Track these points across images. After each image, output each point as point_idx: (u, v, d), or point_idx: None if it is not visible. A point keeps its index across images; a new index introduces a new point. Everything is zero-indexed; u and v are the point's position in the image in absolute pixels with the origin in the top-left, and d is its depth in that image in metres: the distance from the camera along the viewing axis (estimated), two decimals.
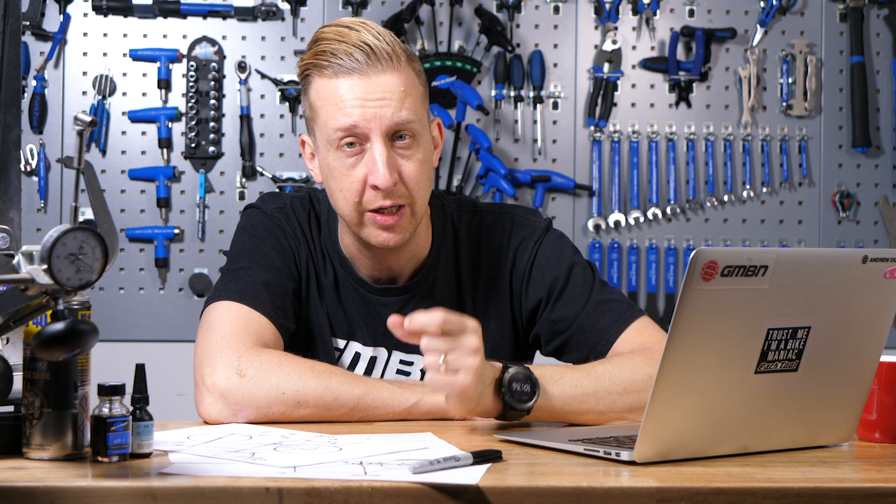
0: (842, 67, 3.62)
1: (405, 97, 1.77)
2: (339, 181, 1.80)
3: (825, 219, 3.61)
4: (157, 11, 3.46)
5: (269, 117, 3.50)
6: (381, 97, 1.76)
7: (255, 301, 1.79)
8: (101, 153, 3.45)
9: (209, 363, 1.71)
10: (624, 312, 1.88)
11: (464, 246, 1.94)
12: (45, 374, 1.39)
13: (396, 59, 1.77)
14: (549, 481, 1.32)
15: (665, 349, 1.38)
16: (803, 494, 1.32)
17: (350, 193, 1.79)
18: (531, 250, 1.93)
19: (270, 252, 1.87)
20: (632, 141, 3.56)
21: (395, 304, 1.89)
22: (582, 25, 3.58)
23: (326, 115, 1.78)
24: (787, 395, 1.51)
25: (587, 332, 1.88)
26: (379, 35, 1.78)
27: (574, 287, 1.91)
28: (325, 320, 1.91)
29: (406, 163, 1.79)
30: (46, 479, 1.30)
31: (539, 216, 1.99)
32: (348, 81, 1.76)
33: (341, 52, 1.76)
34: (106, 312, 3.38)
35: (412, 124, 1.78)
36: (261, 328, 1.77)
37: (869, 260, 1.49)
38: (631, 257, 3.56)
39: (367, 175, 1.77)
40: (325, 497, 1.27)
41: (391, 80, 1.77)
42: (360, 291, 1.91)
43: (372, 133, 1.76)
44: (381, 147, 1.76)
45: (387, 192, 1.77)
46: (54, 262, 1.25)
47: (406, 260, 1.90)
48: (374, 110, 1.76)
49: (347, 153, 1.78)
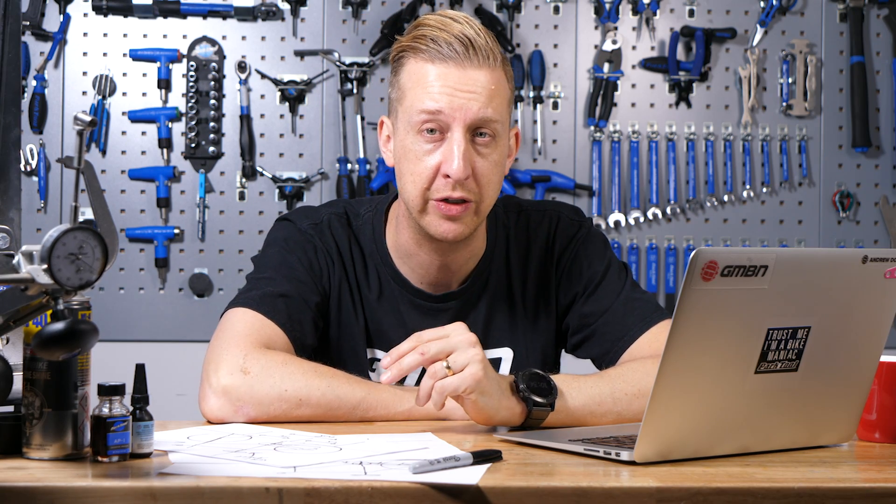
0: (842, 67, 3.62)
1: (494, 96, 1.79)
2: (412, 164, 1.81)
3: (825, 219, 3.61)
4: (157, 11, 3.46)
5: (269, 117, 3.50)
6: (471, 90, 1.77)
7: (270, 311, 1.80)
8: (101, 153, 3.45)
9: (215, 361, 1.71)
10: (651, 313, 1.89)
11: (513, 246, 1.96)
12: (45, 374, 1.39)
13: (493, 58, 1.79)
14: (549, 481, 1.32)
15: (665, 349, 1.38)
16: (803, 494, 1.32)
17: (421, 178, 1.80)
18: (574, 248, 1.95)
19: (296, 266, 1.87)
20: (632, 141, 3.56)
21: (453, 309, 1.90)
22: (582, 25, 3.58)
23: (413, 97, 1.79)
24: (787, 395, 1.51)
25: (612, 326, 1.89)
26: (480, 31, 1.80)
27: (608, 284, 1.93)
28: (360, 336, 1.90)
29: (481, 160, 1.80)
30: (46, 479, 1.30)
31: (582, 215, 2.01)
32: (442, 68, 1.78)
33: (441, 40, 1.78)
34: (106, 312, 3.38)
35: (495, 124, 1.79)
36: (273, 336, 1.78)
37: (869, 260, 1.49)
38: (631, 257, 3.56)
39: (442, 163, 1.78)
40: (325, 497, 1.27)
41: (483, 77, 1.78)
42: (416, 303, 1.91)
43: (454, 123, 1.77)
44: (460, 138, 1.77)
45: (458, 183, 1.78)
46: (54, 262, 1.25)
47: (463, 261, 1.90)
48: (461, 101, 1.77)
49: (427, 138, 1.79)
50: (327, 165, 3.50)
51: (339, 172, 3.48)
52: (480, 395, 1.60)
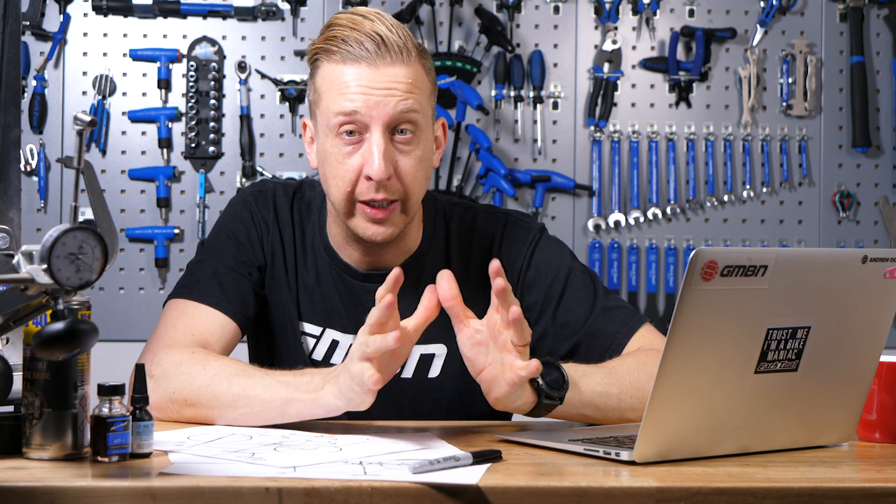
0: (842, 67, 3.62)
1: (411, 91, 1.76)
2: (333, 168, 1.79)
3: (825, 219, 3.61)
4: (157, 11, 3.46)
5: (269, 117, 3.50)
6: (387, 87, 1.75)
7: (204, 294, 1.84)
8: (101, 153, 3.45)
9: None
10: (631, 318, 1.88)
11: (454, 240, 1.93)
12: (45, 374, 1.39)
13: (406, 53, 1.77)
14: (549, 481, 1.32)
15: (665, 349, 1.38)
16: (803, 494, 1.32)
17: (343, 182, 1.78)
18: (526, 251, 1.92)
19: (233, 237, 1.90)
20: (632, 141, 3.56)
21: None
22: (582, 25, 3.58)
23: (329, 100, 1.77)
24: (787, 395, 1.51)
25: (596, 339, 1.87)
26: (392, 27, 1.77)
27: (575, 291, 1.90)
28: (293, 306, 1.90)
29: (404, 158, 1.78)
30: (46, 479, 1.30)
31: (533, 219, 1.99)
32: (355, 69, 1.75)
33: (352, 40, 1.75)
34: (106, 312, 3.38)
35: (415, 119, 1.77)
36: (202, 323, 1.81)
37: (869, 260, 1.49)
38: (631, 257, 3.56)
39: (363, 165, 1.76)
40: (325, 497, 1.27)
41: (399, 73, 1.76)
42: (342, 277, 1.90)
43: (372, 122, 1.75)
44: (379, 138, 1.75)
45: (380, 184, 1.76)
46: (54, 262, 1.25)
47: (393, 256, 1.89)
48: (377, 99, 1.74)
49: (346, 141, 1.77)
50: None
51: None
52: (513, 382, 1.55)
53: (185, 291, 1.86)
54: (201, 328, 1.81)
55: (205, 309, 1.82)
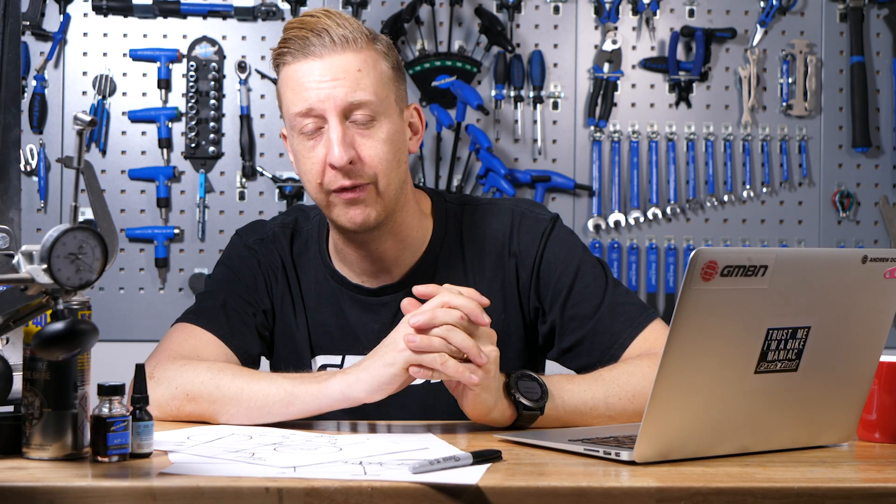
0: (842, 67, 3.62)
1: (361, 77, 1.79)
2: (303, 164, 1.83)
3: (825, 219, 3.61)
4: (157, 11, 3.46)
5: (269, 117, 3.50)
6: (335, 77, 1.78)
7: (210, 323, 1.86)
8: (101, 153, 3.45)
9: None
10: (638, 316, 1.87)
11: (467, 238, 1.93)
12: (45, 374, 1.39)
13: (353, 41, 1.79)
14: (549, 481, 1.32)
15: (665, 349, 1.38)
16: (803, 494, 1.32)
17: (313, 175, 1.81)
18: (539, 244, 1.92)
19: (241, 279, 1.92)
20: (632, 141, 3.56)
21: (395, 302, 1.86)
22: (582, 25, 3.58)
23: (288, 102, 1.82)
24: (787, 395, 1.51)
25: (601, 336, 1.86)
26: (340, 21, 1.80)
27: (585, 286, 1.89)
28: (304, 345, 1.92)
29: (365, 142, 1.80)
30: (46, 479, 1.30)
31: (544, 208, 1.98)
32: (305, 64, 1.79)
33: (300, 38, 1.79)
34: (106, 312, 3.38)
35: (369, 104, 1.79)
36: (207, 348, 1.83)
37: (869, 260, 1.49)
38: (631, 257, 3.56)
39: (326, 154, 1.79)
40: (325, 497, 1.27)
41: (346, 61, 1.78)
42: (356, 298, 1.91)
43: (327, 113, 1.78)
44: (336, 126, 1.78)
45: (344, 171, 1.78)
46: (54, 262, 1.25)
47: (393, 249, 1.88)
48: (327, 91, 1.78)
49: (308, 136, 1.81)
50: None
51: None
52: (484, 390, 1.60)
53: (193, 317, 1.87)
54: (207, 353, 1.83)
55: (211, 337, 1.85)
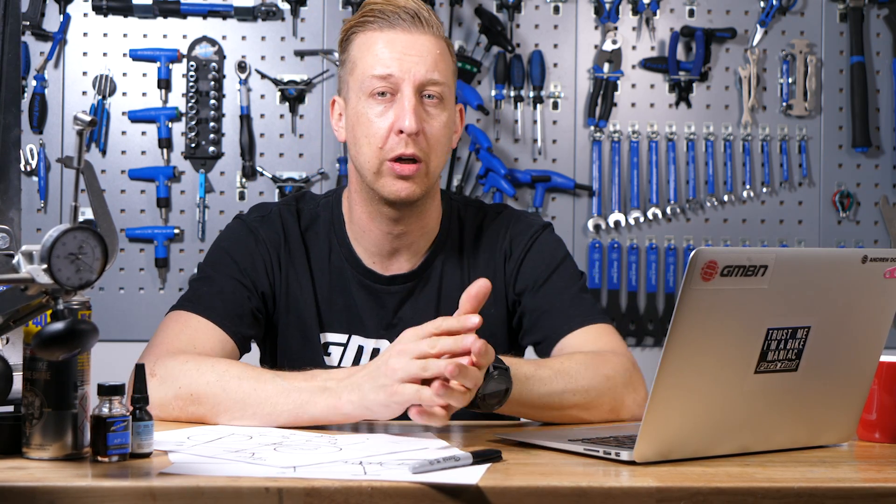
0: (842, 67, 3.61)
1: (439, 61, 1.89)
2: (366, 127, 1.88)
3: (825, 219, 3.61)
4: (157, 11, 3.46)
5: (269, 117, 3.50)
6: (419, 54, 1.87)
7: (206, 310, 1.86)
8: (101, 153, 3.45)
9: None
10: (593, 313, 1.94)
11: (468, 237, 2.01)
12: (45, 374, 1.39)
13: (436, 28, 1.91)
14: (549, 481, 1.32)
15: (665, 349, 1.38)
16: (803, 494, 1.32)
17: (375, 139, 1.87)
18: (527, 242, 2.00)
19: (236, 261, 1.93)
20: (632, 141, 3.56)
21: (402, 292, 1.96)
22: (582, 25, 3.58)
23: (365, 65, 1.88)
24: (787, 395, 1.51)
25: (554, 316, 1.93)
26: (422, 6, 1.91)
27: (559, 280, 1.97)
28: (313, 321, 1.94)
29: (430, 120, 1.89)
30: (46, 479, 1.30)
31: (539, 217, 2.08)
32: (390, 34, 1.88)
33: (388, 11, 1.89)
34: (106, 312, 3.38)
35: (442, 87, 1.89)
36: (204, 336, 1.84)
37: (869, 260, 1.49)
38: (631, 257, 3.56)
39: (395, 121, 1.86)
40: (325, 497, 1.27)
41: (430, 42, 1.89)
42: (365, 283, 1.96)
43: (404, 84, 1.86)
44: (411, 95, 1.86)
45: (410, 138, 1.85)
46: (54, 262, 1.25)
47: (415, 232, 1.95)
48: (409, 64, 1.87)
49: (379, 101, 1.88)
50: (327, 165, 3.50)
51: (339, 172, 3.48)
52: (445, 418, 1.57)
53: (188, 304, 1.88)
54: (203, 341, 1.83)
55: (207, 324, 1.85)
